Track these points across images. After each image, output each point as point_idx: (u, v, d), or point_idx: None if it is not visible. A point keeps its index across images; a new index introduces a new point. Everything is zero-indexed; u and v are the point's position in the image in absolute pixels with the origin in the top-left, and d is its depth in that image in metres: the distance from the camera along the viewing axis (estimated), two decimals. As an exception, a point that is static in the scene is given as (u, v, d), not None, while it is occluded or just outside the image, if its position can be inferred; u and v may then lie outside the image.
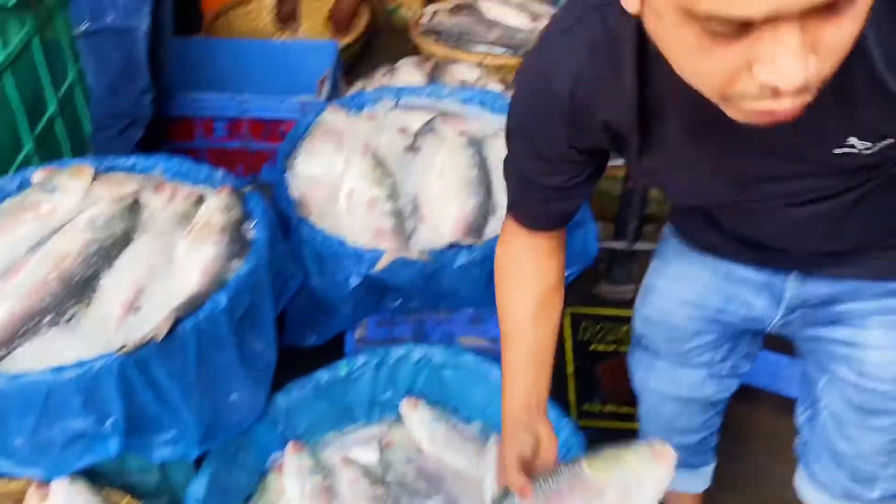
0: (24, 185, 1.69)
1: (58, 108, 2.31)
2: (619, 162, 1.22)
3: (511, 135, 1.10)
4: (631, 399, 1.89)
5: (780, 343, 1.50)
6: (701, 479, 1.67)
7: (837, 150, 0.93)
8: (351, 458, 1.67)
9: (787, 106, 0.70)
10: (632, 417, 1.89)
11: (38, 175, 1.68)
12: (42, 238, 1.53)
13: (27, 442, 1.32)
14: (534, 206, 1.15)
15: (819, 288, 1.20)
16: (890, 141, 0.92)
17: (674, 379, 1.47)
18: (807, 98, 0.72)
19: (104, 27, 2.01)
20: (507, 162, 1.15)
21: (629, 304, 2.24)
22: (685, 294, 1.37)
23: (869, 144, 0.92)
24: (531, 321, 1.19)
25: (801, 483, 1.45)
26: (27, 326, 1.37)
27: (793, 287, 1.23)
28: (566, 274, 1.90)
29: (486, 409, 1.74)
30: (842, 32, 0.68)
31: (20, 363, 1.32)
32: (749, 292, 1.28)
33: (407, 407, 1.73)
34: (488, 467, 1.62)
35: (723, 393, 1.50)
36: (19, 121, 2.12)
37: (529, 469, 1.10)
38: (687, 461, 1.51)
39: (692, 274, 1.35)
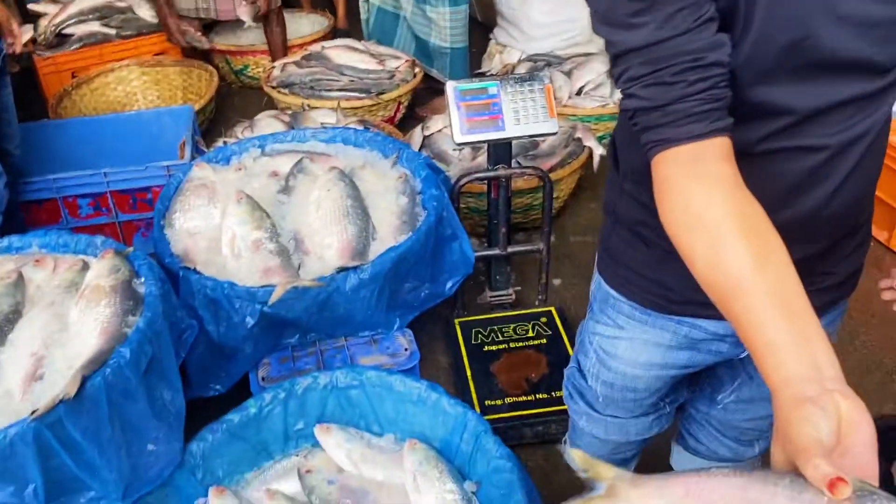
0: None
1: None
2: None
3: (618, 31, 0.90)
4: (525, 391, 2.01)
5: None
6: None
7: None
8: (273, 490, 1.68)
9: None
10: (524, 407, 1.98)
11: (-89, 270, 1.66)
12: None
13: (-57, 527, 1.32)
14: (686, 90, 0.89)
15: None
16: None
17: (622, 428, 1.47)
18: None
19: None
20: (629, 72, 0.92)
21: (512, 306, 2.40)
22: (652, 358, 1.30)
23: None
24: (768, 260, 0.82)
25: (681, 455, 1.56)
26: (-70, 412, 1.37)
27: None
28: (450, 285, 2.06)
29: (395, 421, 1.79)
30: None
31: None
32: (714, 341, 1.24)
33: (320, 433, 1.75)
34: (407, 476, 1.65)
35: (661, 426, 1.51)
36: None
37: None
38: (622, 459, 1.59)
39: (658, 339, 1.27)
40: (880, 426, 0.93)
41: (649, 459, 1.67)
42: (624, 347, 1.31)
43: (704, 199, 0.85)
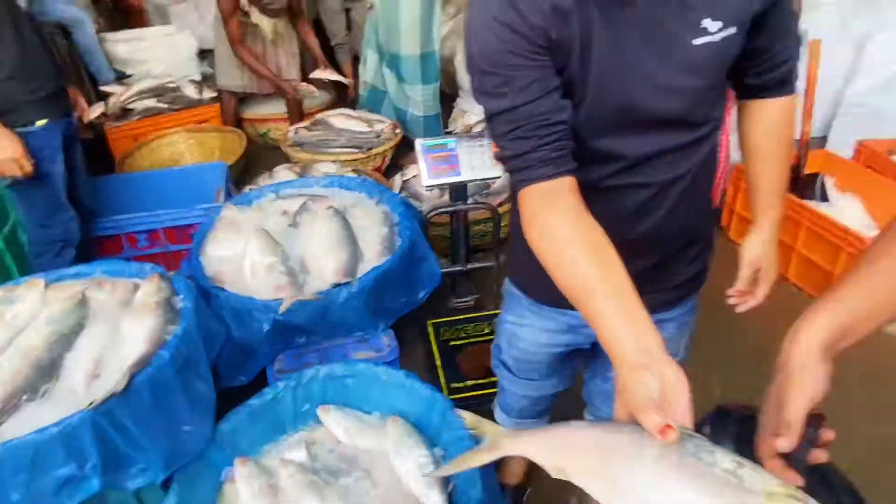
0: (-15, 303, 1.63)
1: (3, 243, 2.23)
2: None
3: (483, 85, 0.93)
4: (483, 374, 1.99)
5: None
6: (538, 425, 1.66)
7: (698, 40, 0.88)
8: (286, 459, 1.65)
9: None
10: (484, 386, 1.98)
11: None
12: (10, 338, 1.49)
13: (22, 496, 1.26)
14: (542, 142, 0.91)
15: None
16: (733, 30, 0.89)
17: (533, 387, 1.50)
18: None
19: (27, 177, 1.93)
20: (492, 122, 0.95)
21: (471, 309, 2.39)
22: (543, 340, 1.34)
23: (720, 25, 0.88)
24: (609, 258, 0.86)
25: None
26: (9, 407, 1.33)
27: None
28: (422, 294, 2.05)
29: (381, 402, 1.77)
30: None
31: (9, 434, 1.27)
32: (586, 327, 1.21)
33: (322, 413, 1.73)
34: (389, 444, 1.62)
35: (564, 385, 1.53)
36: (-28, 257, 2.05)
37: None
38: (530, 414, 1.60)
39: (546, 326, 1.30)
40: (746, 416, 0.90)
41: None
42: (525, 332, 1.35)
43: (557, 224, 0.89)
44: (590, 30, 0.88)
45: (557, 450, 0.74)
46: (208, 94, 3.84)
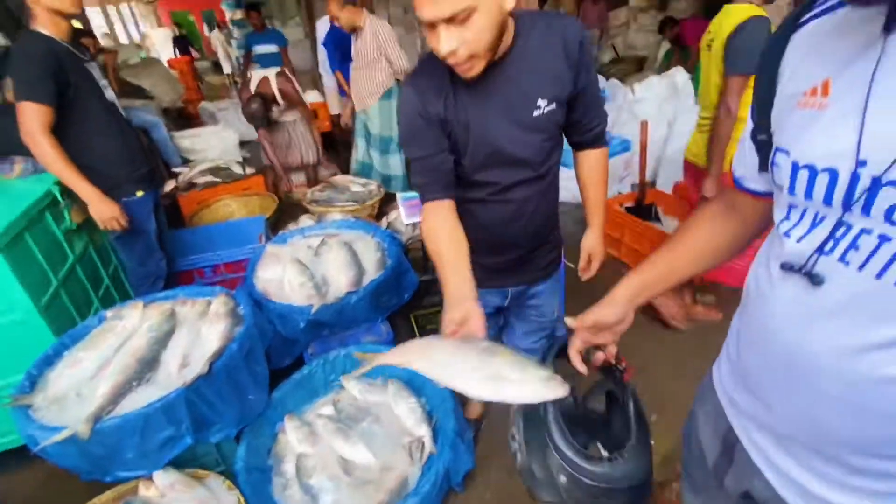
0: (101, 319, 1.56)
1: (109, 279, 2.13)
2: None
3: (406, 140, 0.98)
4: None
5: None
6: None
7: (535, 112, 0.94)
8: (320, 413, 1.63)
9: (462, 64, 0.83)
10: None
11: (110, 312, 1.56)
12: (120, 343, 1.44)
13: (135, 454, 1.22)
14: (435, 181, 0.98)
15: (519, 291, 1.26)
16: (554, 106, 0.95)
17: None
18: (476, 62, 0.83)
19: (130, 231, 1.86)
20: (413, 165, 1.00)
21: (440, 304, 2.36)
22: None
23: (547, 102, 0.93)
24: (458, 244, 0.94)
25: None
26: (124, 391, 1.28)
27: (510, 294, 1.26)
28: (406, 296, 2.04)
29: (383, 370, 1.74)
30: (470, 31, 0.79)
31: (125, 409, 1.23)
32: (493, 298, 1.26)
33: (344, 380, 1.71)
34: (389, 397, 1.62)
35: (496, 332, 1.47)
36: (90, 290, 1.95)
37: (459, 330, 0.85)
38: None
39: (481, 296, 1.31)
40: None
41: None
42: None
43: (436, 225, 0.97)
44: (466, 110, 0.95)
45: (404, 353, 0.82)
46: (249, 170, 3.77)
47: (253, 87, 3.14)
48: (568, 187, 3.57)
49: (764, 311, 0.57)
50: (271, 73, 3.16)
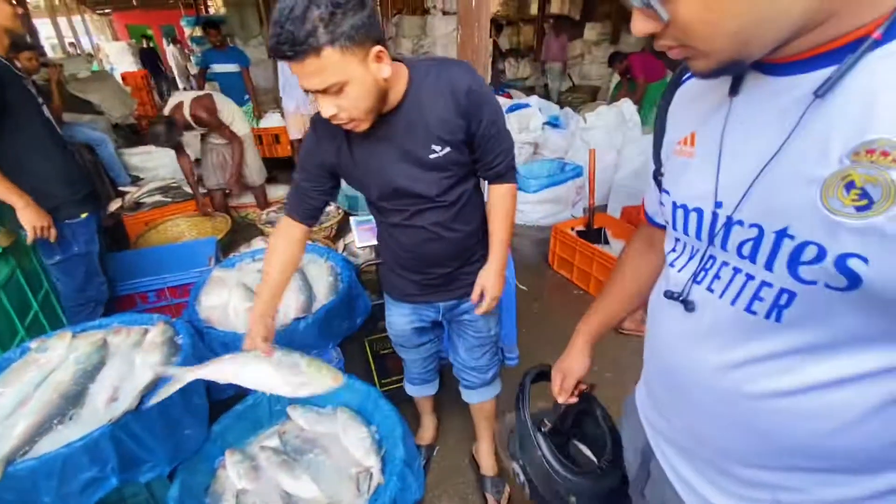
0: (24, 352, 1.44)
1: (38, 306, 1.98)
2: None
3: (298, 164, 1.10)
4: (401, 371, 1.95)
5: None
6: (432, 389, 1.62)
7: (432, 155, 1.00)
8: (264, 446, 1.56)
9: (345, 124, 0.90)
10: (401, 379, 1.85)
11: (34, 343, 1.45)
12: (43, 377, 1.33)
13: (53, 499, 1.12)
14: (300, 205, 1.11)
15: (451, 305, 1.28)
16: (449, 149, 1.00)
17: (416, 353, 1.46)
18: (359, 122, 0.90)
19: (72, 255, 1.78)
20: (293, 181, 1.12)
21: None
22: (403, 321, 1.34)
23: (441, 146, 0.99)
24: (285, 267, 1.14)
25: (463, 392, 1.49)
26: (43, 429, 1.19)
27: (442, 309, 1.29)
28: (359, 321, 2.00)
29: (332, 398, 1.68)
30: (346, 100, 0.85)
31: (43, 450, 1.14)
32: (427, 312, 1.30)
33: (290, 410, 1.66)
34: (339, 427, 1.57)
35: (433, 349, 1.49)
36: (15, 319, 1.81)
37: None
38: (424, 379, 1.56)
39: (401, 311, 1.32)
40: (544, 371, 1.00)
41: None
42: (393, 318, 1.37)
43: (280, 245, 1.14)
44: (364, 155, 1.03)
45: (212, 368, 1.05)
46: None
47: (168, 109, 3.00)
48: (523, 210, 3.65)
49: (655, 335, 0.63)
50: (188, 98, 2.99)
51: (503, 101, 4.15)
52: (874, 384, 0.45)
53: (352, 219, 2.14)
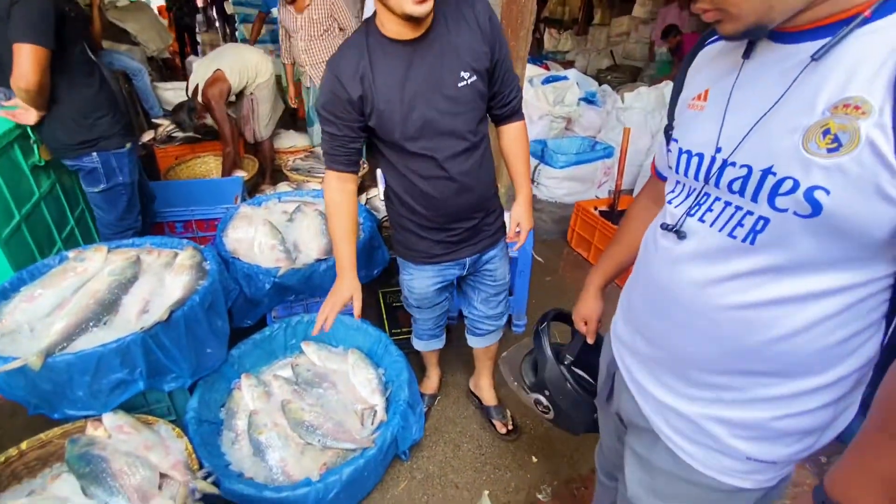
0: (62, 259, 1.54)
1: (74, 222, 2.08)
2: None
3: (324, 117, 1.06)
4: (410, 324, 2.00)
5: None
6: (440, 344, 1.63)
7: (460, 83, 1.01)
8: (278, 375, 1.66)
9: None
10: (409, 332, 1.87)
11: (72, 252, 1.55)
12: (80, 284, 1.44)
13: (85, 393, 1.23)
14: (340, 155, 1.10)
15: (474, 259, 1.30)
16: (476, 78, 1.02)
17: (431, 312, 1.45)
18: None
19: (116, 184, 1.81)
20: (323, 134, 1.09)
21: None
22: (426, 283, 1.33)
23: (469, 74, 1.01)
24: (350, 221, 1.17)
25: (472, 339, 1.54)
26: (79, 330, 1.29)
27: (468, 264, 1.30)
28: (376, 271, 2.07)
29: (344, 338, 1.78)
30: None
31: (79, 348, 1.24)
32: (452, 270, 1.31)
33: (304, 345, 1.75)
34: (349, 366, 1.66)
35: (447, 306, 1.50)
36: (53, 229, 1.91)
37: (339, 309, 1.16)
38: (433, 335, 1.57)
39: (425, 274, 1.32)
40: (562, 313, 1.08)
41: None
42: (415, 282, 1.35)
43: (340, 199, 1.15)
44: (390, 87, 1.01)
45: None
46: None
47: (190, 90, 2.89)
48: (547, 185, 3.61)
49: (647, 263, 0.73)
50: (201, 80, 2.85)
51: (539, 72, 4.05)
52: (817, 302, 0.56)
53: (379, 171, 2.16)
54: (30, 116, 1.65)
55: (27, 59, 1.45)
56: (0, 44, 1.47)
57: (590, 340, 1.01)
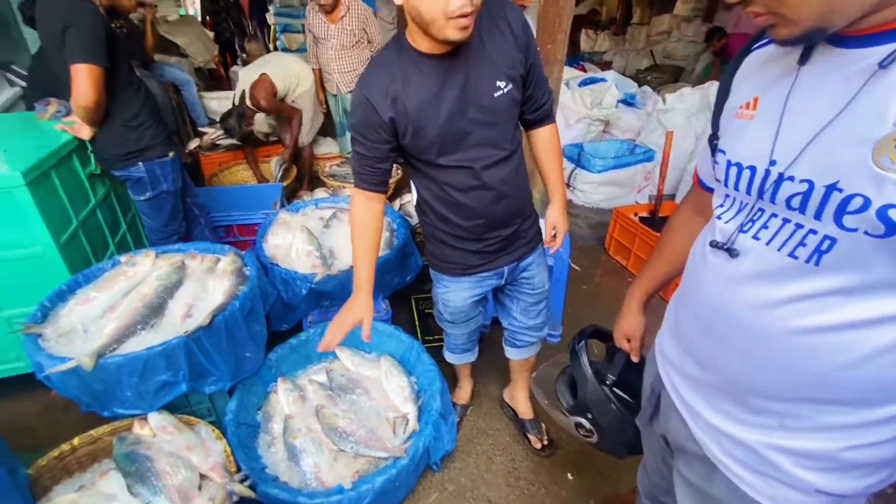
0: (115, 264, 1.62)
1: (126, 227, 2.19)
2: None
3: (353, 137, 1.06)
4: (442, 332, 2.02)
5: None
6: (472, 357, 1.61)
7: (497, 93, 1.00)
8: (312, 380, 1.68)
9: (468, 12, 0.85)
10: (441, 340, 1.89)
11: (124, 257, 1.63)
12: (130, 288, 1.50)
13: (133, 393, 1.28)
14: (369, 175, 1.08)
15: (512, 268, 1.28)
16: (512, 86, 1.01)
17: (466, 327, 1.44)
18: (475, 12, 0.86)
19: (160, 192, 1.89)
20: (353, 153, 1.09)
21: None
22: (463, 295, 1.31)
23: (505, 83, 0.99)
24: (374, 241, 1.14)
25: (510, 351, 1.51)
26: (128, 332, 1.34)
27: (506, 273, 1.28)
28: (409, 277, 2.07)
29: (378, 345, 1.78)
30: None
31: (128, 350, 1.29)
32: (490, 280, 1.28)
33: (338, 351, 1.76)
34: (381, 373, 1.66)
35: (482, 321, 1.47)
36: (107, 234, 2.02)
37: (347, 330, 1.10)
38: (466, 349, 1.56)
39: (461, 286, 1.29)
40: (600, 330, 1.04)
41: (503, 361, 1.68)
42: (451, 295, 1.33)
43: (366, 219, 1.13)
44: (423, 104, 0.99)
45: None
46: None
47: (237, 98, 2.95)
48: (584, 190, 3.53)
49: (696, 281, 0.69)
50: (247, 85, 2.91)
51: (576, 74, 3.98)
52: (891, 327, 0.52)
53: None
54: (85, 131, 1.75)
55: (85, 79, 1.54)
56: (58, 66, 1.57)
57: (634, 359, 0.97)
